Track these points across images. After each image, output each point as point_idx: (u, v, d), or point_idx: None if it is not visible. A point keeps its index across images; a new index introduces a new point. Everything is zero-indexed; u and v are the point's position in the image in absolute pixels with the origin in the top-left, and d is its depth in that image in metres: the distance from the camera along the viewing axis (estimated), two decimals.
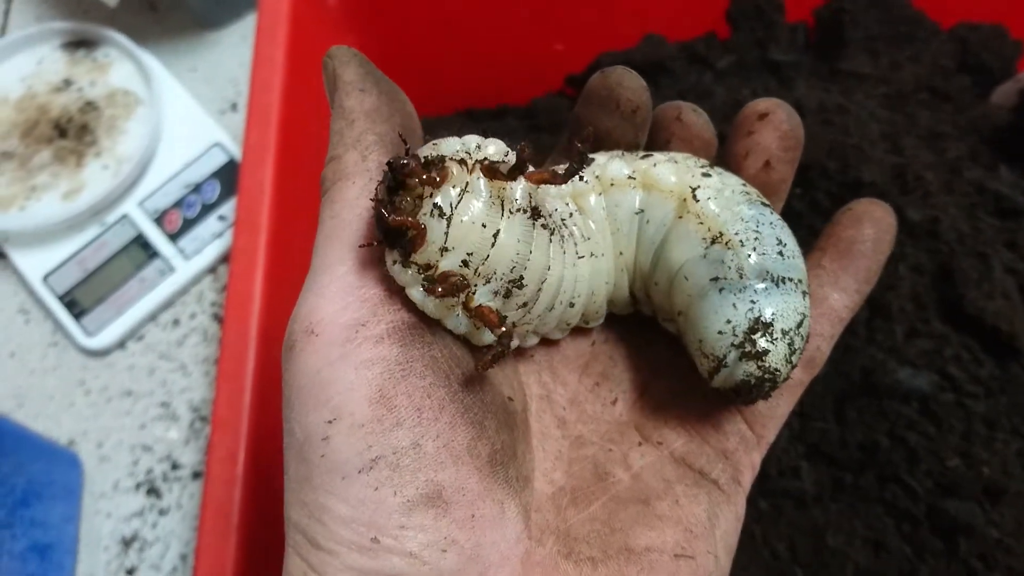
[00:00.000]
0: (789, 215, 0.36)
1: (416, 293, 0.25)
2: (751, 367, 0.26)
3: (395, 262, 0.24)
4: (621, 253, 0.30)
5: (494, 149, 0.25)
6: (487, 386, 0.27)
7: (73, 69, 0.72)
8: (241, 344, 0.48)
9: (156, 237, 0.68)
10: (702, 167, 0.29)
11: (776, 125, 0.30)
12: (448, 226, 0.24)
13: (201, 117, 0.72)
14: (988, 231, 0.46)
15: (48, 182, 0.68)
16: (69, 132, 0.69)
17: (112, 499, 0.63)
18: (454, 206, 0.24)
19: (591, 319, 0.31)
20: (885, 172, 0.48)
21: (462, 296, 0.25)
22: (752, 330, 0.26)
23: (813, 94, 0.53)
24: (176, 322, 0.68)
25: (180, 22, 0.78)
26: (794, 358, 0.27)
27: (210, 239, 0.68)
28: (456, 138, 0.25)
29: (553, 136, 0.63)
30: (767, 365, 0.26)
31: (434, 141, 0.25)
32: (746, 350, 0.26)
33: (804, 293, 0.27)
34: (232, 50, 0.77)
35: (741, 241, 0.27)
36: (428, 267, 0.24)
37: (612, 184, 0.29)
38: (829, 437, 0.45)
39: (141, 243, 0.68)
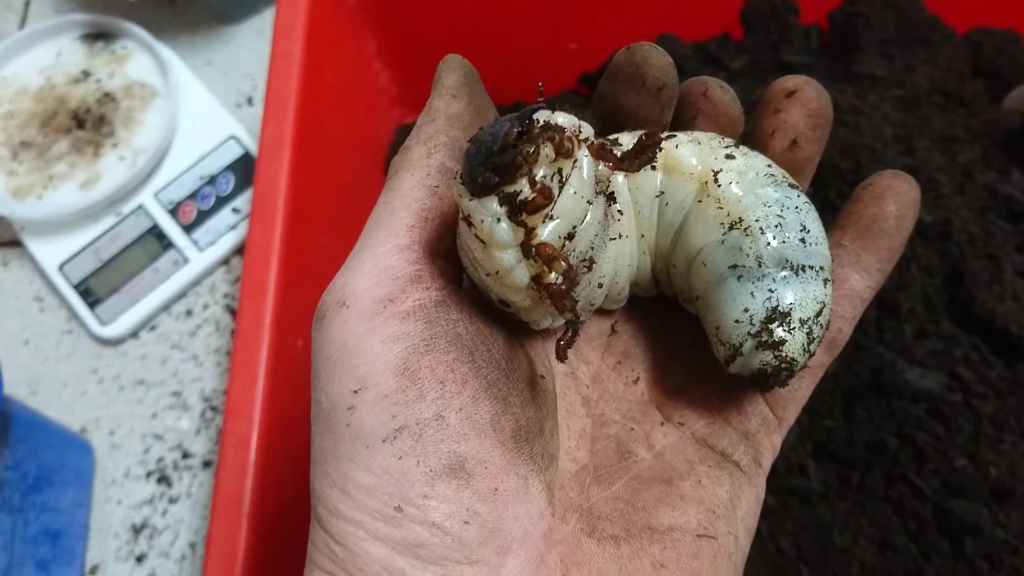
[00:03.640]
0: None
1: (509, 256, 0.24)
2: (767, 356, 0.26)
3: (499, 220, 0.23)
4: (643, 235, 0.29)
5: (590, 131, 0.25)
6: (514, 363, 0.27)
7: (91, 61, 0.73)
8: (255, 334, 0.48)
9: (171, 228, 0.69)
10: (726, 147, 0.28)
11: (804, 103, 0.29)
12: (559, 193, 0.24)
13: (217, 110, 0.72)
14: (999, 234, 0.46)
15: (65, 172, 0.68)
16: (87, 123, 0.70)
17: (123, 486, 0.63)
18: (567, 175, 0.24)
19: (613, 301, 0.31)
20: None
21: (553, 275, 0.24)
22: (769, 319, 0.26)
23: None
24: (189, 313, 0.69)
25: (197, 16, 0.79)
26: (812, 347, 0.27)
27: (224, 231, 0.69)
28: (566, 114, 0.25)
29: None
30: (784, 355, 0.26)
31: (550, 112, 0.25)
32: (763, 339, 0.26)
33: (826, 280, 0.27)
34: (248, 44, 0.78)
35: (761, 228, 0.26)
36: (531, 232, 0.24)
37: None
38: (837, 435, 0.45)
39: (156, 234, 0.68)
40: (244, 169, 0.70)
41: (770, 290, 0.26)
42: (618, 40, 0.63)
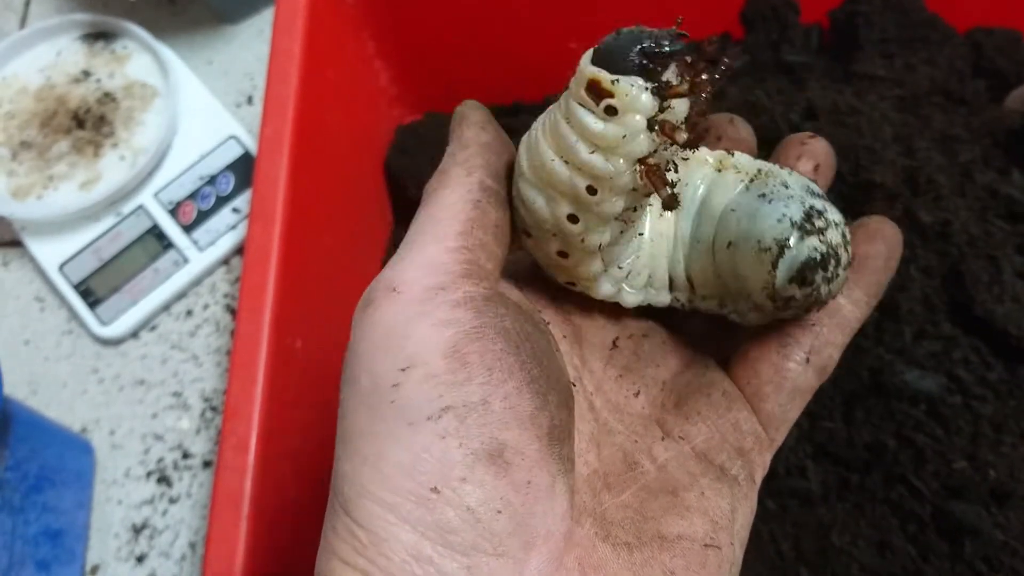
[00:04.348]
0: None
1: (640, 122, 0.26)
2: (814, 241, 0.27)
3: (646, 88, 0.25)
4: (661, 233, 0.32)
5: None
6: (553, 365, 0.28)
7: (92, 60, 0.73)
8: (254, 334, 0.48)
9: (171, 228, 0.69)
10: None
11: (824, 144, 0.34)
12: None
13: (217, 110, 0.72)
14: (999, 234, 0.46)
15: (65, 172, 0.69)
16: (87, 123, 0.70)
17: (123, 486, 0.63)
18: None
19: (654, 287, 0.33)
20: (897, 174, 0.48)
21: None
22: (808, 216, 0.27)
23: (826, 95, 0.53)
24: (189, 313, 0.69)
25: (197, 16, 0.79)
26: (848, 248, 0.28)
27: (224, 231, 0.69)
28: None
29: None
30: (829, 240, 0.27)
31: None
32: (807, 228, 0.27)
33: (840, 211, 0.29)
34: (248, 44, 0.78)
35: (780, 168, 0.30)
36: (665, 109, 0.26)
37: None
38: (836, 437, 0.45)
39: (156, 234, 0.68)
40: (244, 169, 0.70)
41: (801, 201, 0.28)
42: None
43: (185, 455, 0.64)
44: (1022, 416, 0.43)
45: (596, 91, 0.26)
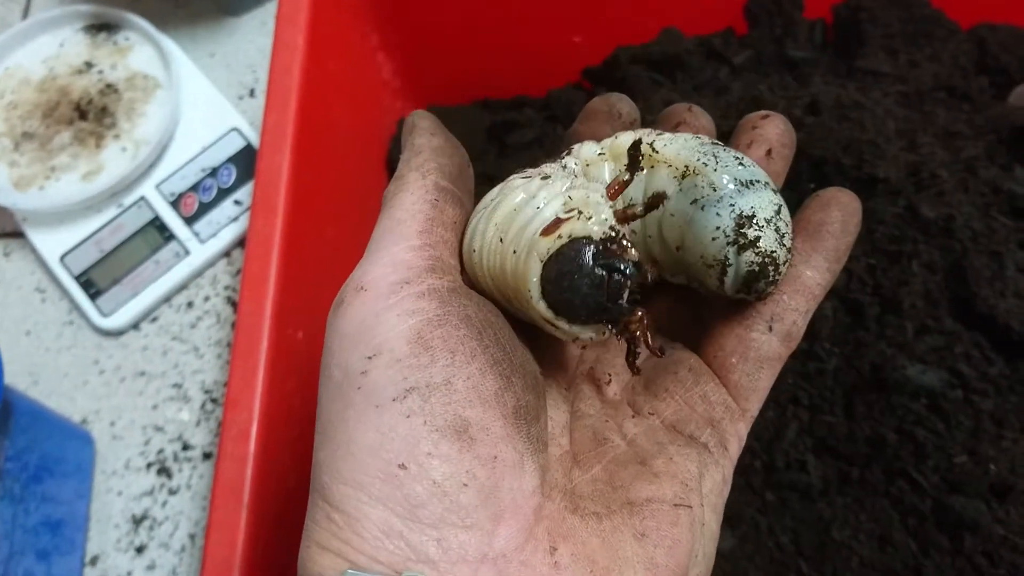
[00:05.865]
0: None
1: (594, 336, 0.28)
2: (749, 255, 0.29)
3: (606, 333, 0.28)
4: None
5: (608, 212, 0.29)
6: (517, 351, 0.29)
7: (94, 52, 0.73)
8: (255, 325, 0.48)
9: (172, 220, 0.69)
10: (657, 133, 0.32)
11: (776, 124, 0.34)
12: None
13: (219, 102, 0.72)
14: (1002, 230, 0.46)
15: (68, 163, 0.68)
16: (89, 114, 0.70)
17: (123, 477, 0.63)
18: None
19: None
20: (900, 169, 0.48)
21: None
22: (739, 226, 0.29)
23: (830, 90, 0.53)
24: (190, 304, 0.69)
25: (200, 8, 0.79)
26: (785, 240, 0.30)
27: (225, 223, 0.69)
28: (598, 220, 0.28)
29: (568, 128, 0.63)
30: (763, 249, 0.29)
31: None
32: (741, 243, 0.29)
33: (773, 190, 0.30)
34: (251, 36, 0.78)
35: (704, 163, 0.30)
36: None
37: (588, 164, 0.32)
38: (837, 431, 0.45)
39: (157, 225, 0.68)
40: (246, 161, 0.70)
41: (731, 204, 0.29)
42: (621, 34, 0.63)
43: (185, 447, 0.64)
44: (1023, 411, 0.43)
45: (552, 326, 0.28)
